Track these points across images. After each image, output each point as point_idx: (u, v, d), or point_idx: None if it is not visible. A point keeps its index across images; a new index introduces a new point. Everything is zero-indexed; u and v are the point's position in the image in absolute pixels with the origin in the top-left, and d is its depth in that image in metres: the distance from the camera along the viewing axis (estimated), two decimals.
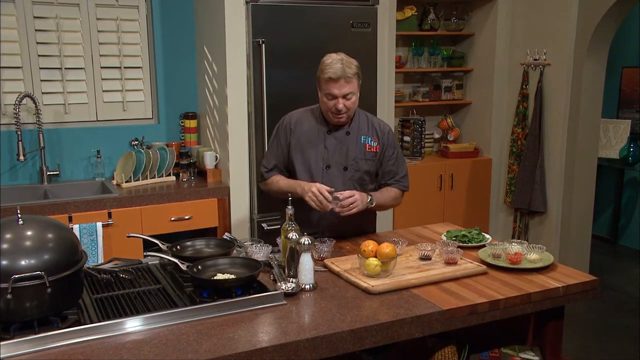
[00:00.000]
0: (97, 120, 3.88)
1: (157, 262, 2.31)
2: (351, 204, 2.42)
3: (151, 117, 4.04)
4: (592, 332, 3.96)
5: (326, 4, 3.71)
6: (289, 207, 2.20)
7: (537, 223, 4.64)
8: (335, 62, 2.45)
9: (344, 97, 2.46)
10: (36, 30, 3.63)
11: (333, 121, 2.56)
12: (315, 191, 2.40)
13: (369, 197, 2.52)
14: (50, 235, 1.78)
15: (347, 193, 2.43)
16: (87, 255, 1.90)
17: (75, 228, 3.24)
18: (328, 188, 2.43)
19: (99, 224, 3.30)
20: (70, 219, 3.26)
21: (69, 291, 1.79)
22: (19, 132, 3.47)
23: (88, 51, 3.78)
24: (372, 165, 2.64)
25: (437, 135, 5.03)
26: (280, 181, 2.63)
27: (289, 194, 2.30)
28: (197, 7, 3.97)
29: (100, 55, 3.82)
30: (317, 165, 2.60)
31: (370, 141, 2.61)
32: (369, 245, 2.18)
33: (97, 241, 3.30)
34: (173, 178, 3.79)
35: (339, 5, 3.75)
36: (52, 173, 3.67)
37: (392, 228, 4.35)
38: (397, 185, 2.68)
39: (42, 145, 3.61)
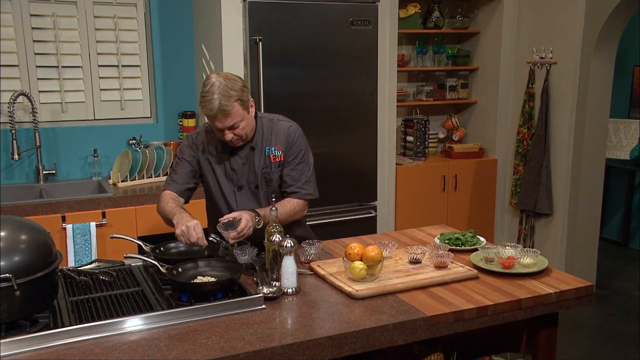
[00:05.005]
0: (95, 119, 3.85)
1: (140, 264, 2.26)
2: (242, 231, 2.17)
3: (149, 116, 4.01)
4: (598, 339, 3.84)
5: (325, 1, 3.64)
6: (274, 208, 2.14)
7: (543, 225, 4.53)
8: (211, 94, 2.19)
9: (230, 128, 2.28)
10: (33, 28, 3.62)
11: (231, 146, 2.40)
12: (184, 229, 2.13)
13: (257, 217, 2.25)
14: (22, 237, 1.74)
15: (239, 221, 2.17)
16: (62, 257, 1.86)
17: (69, 228, 3.22)
18: (201, 232, 2.15)
19: (93, 224, 3.27)
20: (63, 219, 3.23)
21: (40, 294, 1.74)
22: (13, 131, 3.45)
23: (85, 49, 3.75)
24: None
25: (441, 135, 4.94)
26: (169, 203, 2.35)
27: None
28: (195, 5, 3.93)
29: (98, 54, 3.79)
30: (228, 189, 2.47)
31: (275, 150, 2.43)
32: (354, 248, 2.11)
33: (91, 241, 3.27)
34: None
35: (339, 3, 3.68)
36: (48, 172, 3.66)
37: (394, 230, 4.27)
38: (298, 195, 2.44)
39: (38, 144, 3.60)
